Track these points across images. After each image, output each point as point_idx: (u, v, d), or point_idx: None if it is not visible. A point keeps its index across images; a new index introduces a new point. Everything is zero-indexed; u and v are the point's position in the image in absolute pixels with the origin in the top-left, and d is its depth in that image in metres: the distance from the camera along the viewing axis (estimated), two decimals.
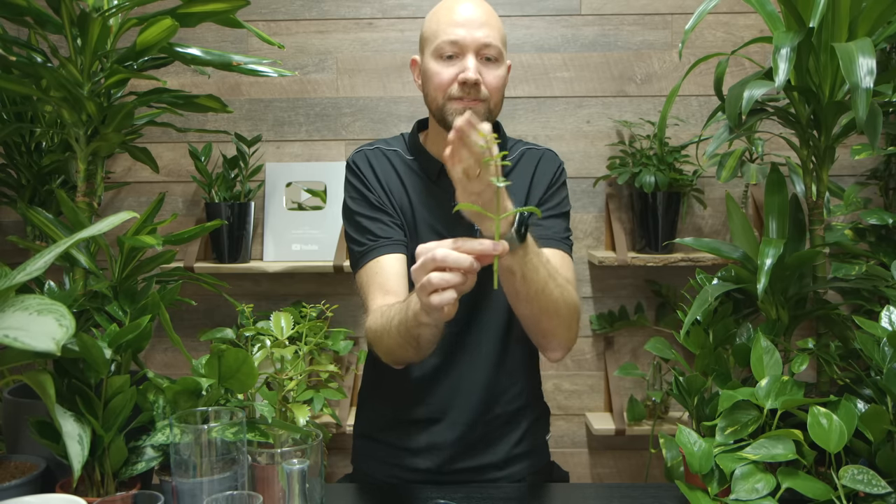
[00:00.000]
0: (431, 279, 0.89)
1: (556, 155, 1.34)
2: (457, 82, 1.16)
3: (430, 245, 0.91)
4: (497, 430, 1.29)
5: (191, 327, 2.12)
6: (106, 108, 1.15)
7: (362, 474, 1.35)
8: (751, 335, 1.17)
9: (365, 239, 1.23)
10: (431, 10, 1.23)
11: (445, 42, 1.17)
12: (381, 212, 1.25)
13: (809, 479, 0.97)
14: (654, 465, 2.04)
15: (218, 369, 1.00)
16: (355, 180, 1.28)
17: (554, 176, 1.30)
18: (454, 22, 1.17)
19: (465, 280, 0.89)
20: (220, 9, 1.13)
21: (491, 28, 1.18)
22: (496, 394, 1.28)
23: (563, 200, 1.31)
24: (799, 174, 1.28)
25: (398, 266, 1.20)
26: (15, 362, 0.88)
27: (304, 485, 0.90)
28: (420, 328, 1.01)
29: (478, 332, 1.26)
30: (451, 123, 1.16)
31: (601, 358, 2.13)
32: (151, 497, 0.85)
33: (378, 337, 1.13)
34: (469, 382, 1.26)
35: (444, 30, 1.17)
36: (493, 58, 1.18)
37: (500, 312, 1.27)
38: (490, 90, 1.18)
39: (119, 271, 1.11)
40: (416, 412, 1.27)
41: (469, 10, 1.18)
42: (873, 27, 1.09)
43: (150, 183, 2.13)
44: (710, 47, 2.06)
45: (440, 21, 1.19)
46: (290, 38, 2.10)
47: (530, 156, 1.32)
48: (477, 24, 1.17)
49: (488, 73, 1.18)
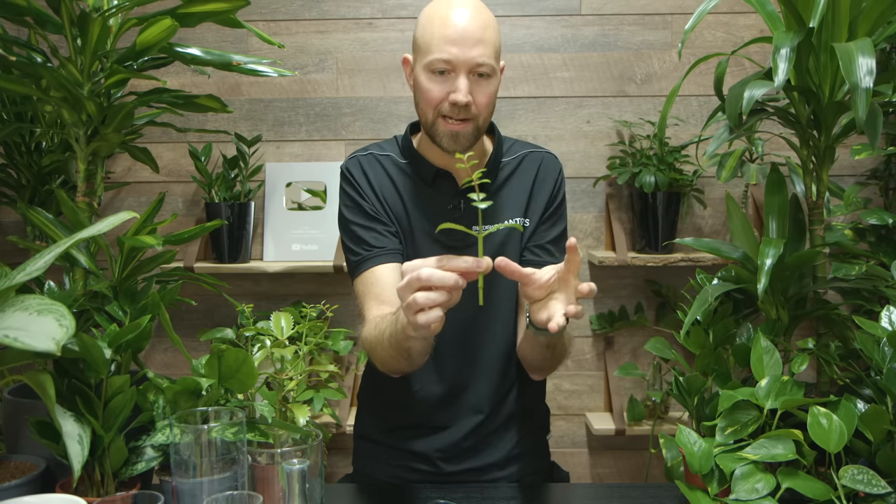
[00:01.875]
0: (417, 299, 0.89)
1: (556, 159, 1.34)
2: (447, 101, 1.16)
3: (416, 263, 0.91)
4: (498, 431, 1.29)
5: (191, 327, 2.12)
6: (106, 108, 1.15)
7: (363, 475, 1.35)
8: (751, 335, 1.17)
9: (360, 249, 1.24)
10: (426, 12, 1.19)
11: (438, 59, 1.14)
12: (375, 221, 1.25)
13: (809, 479, 0.97)
14: (654, 465, 2.04)
15: (218, 369, 1.00)
16: (349, 188, 1.28)
17: (555, 188, 1.30)
18: (448, 38, 1.14)
19: (450, 297, 0.90)
20: (220, 9, 1.13)
21: (485, 45, 1.15)
22: (499, 398, 1.28)
23: (562, 215, 1.32)
24: (799, 174, 1.29)
25: (393, 275, 1.20)
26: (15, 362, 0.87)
27: (304, 485, 0.90)
28: (409, 341, 1.03)
29: (480, 341, 1.26)
30: (440, 143, 1.20)
31: (601, 358, 2.13)
32: (151, 497, 0.85)
33: (372, 348, 1.15)
34: (472, 390, 1.26)
35: (437, 45, 1.14)
36: (485, 74, 1.16)
37: (502, 321, 1.27)
38: (479, 108, 1.17)
39: (119, 271, 1.11)
40: (417, 418, 1.27)
41: (464, 22, 1.14)
42: (873, 27, 1.09)
43: (150, 183, 2.13)
44: (710, 47, 2.06)
45: (434, 34, 1.15)
46: (290, 38, 2.10)
47: (531, 160, 1.32)
48: (471, 41, 1.13)
49: (479, 91, 1.17)
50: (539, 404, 1.38)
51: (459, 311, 1.22)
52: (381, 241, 1.24)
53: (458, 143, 1.18)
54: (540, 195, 1.29)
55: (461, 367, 1.26)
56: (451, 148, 1.19)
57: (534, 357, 1.18)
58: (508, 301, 1.27)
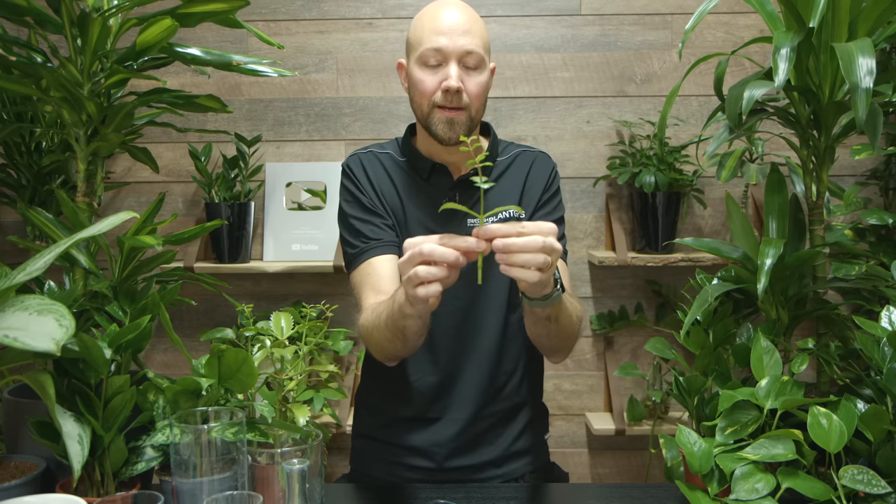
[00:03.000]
0: (418, 272, 0.92)
1: (549, 157, 1.38)
2: (440, 90, 1.20)
3: (418, 239, 0.94)
4: (494, 426, 1.30)
5: (191, 327, 2.12)
6: (106, 108, 1.15)
7: (361, 474, 1.35)
8: (751, 335, 1.17)
9: (358, 241, 1.27)
10: (416, 16, 1.26)
11: (429, 50, 1.20)
12: (373, 214, 1.28)
13: (809, 479, 0.97)
14: (654, 465, 2.04)
15: (218, 369, 1.00)
16: (349, 183, 1.32)
17: (548, 181, 1.34)
18: (437, 30, 1.19)
19: (449, 274, 0.93)
20: (220, 9, 1.13)
21: (473, 36, 1.20)
22: (493, 390, 1.29)
23: (558, 205, 1.35)
24: (799, 174, 1.28)
25: (389, 267, 1.23)
26: (15, 362, 0.88)
27: (304, 485, 0.90)
28: (406, 320, 1.05)
29: (474, 330, 1.28)
30: (436, 132, 1.23)
31: (601, 358, 2.13)
32: (151, 497, 0.85)
33: (369, 333, 1.17)
34: (466, 379, 1.28)
35: (427, 38, 1.20)
36: (474, 65, 1.21)
37: (495, 310, 1.28)
38: (471, 97, 1.21)
39: (119, 271, 1.11)
40: (413, 410, 1.29)
41: (452, 17, 1.20)
42: (873, 27, 1.09)
43: (150, 183, 2.13)
44: (710, 47, 2.06)
45: (424, 28, 1.21)
46: (290, 38, 2.10)
47: (524, 158, 1.35)
48: (459, 31, 1.19)
49: (470, 80, 1.21)
50: (537, 401, 1.38)
51: (455, 299, 1.24)
52: (379, 233, 1.26)
53: (454, 130, 1.22)
54: (533, 189, 1.32)
55: (456, 356, 1.27)
56: (446, 135, 1.22)
57: (539, 333, 1.17)
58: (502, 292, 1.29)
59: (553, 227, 0.94)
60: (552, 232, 0.93)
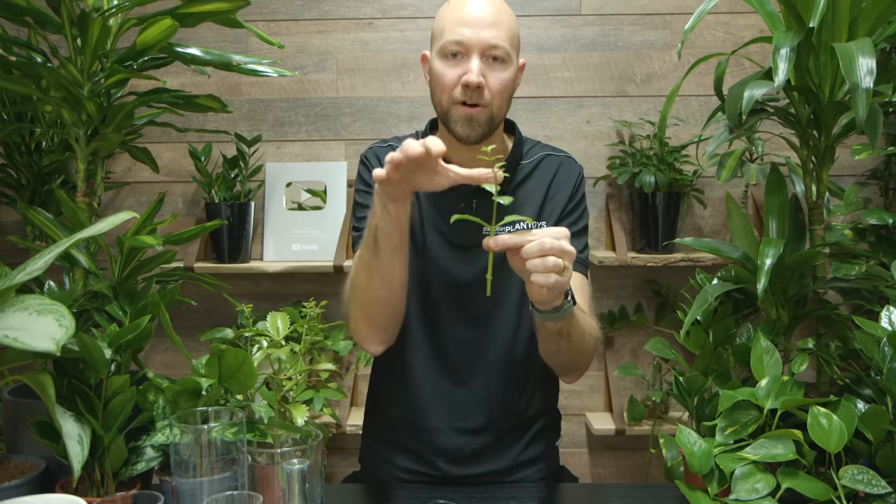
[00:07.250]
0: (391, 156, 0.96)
1: (575, 161, 1.32)
2: (460, 84, 1.13)
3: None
4: (506, 436, 1.27)
5: (191, 327, 2.12)
6: (106, 108, 1.15)
7: (368, 475, 1.34)
8: (751, 335, 1.17)
9: (361, 225, 1.25)
10: (443, 6, 1.20)
11: (450, 41, 1.13)
12: None
13: (809, 479, 0.97)
14: (654, 465, 2.04)
15: (218, 369, 1.00)
16: (364, 173, 1.30)
17: (574, 187, 1.28)
18: (461, 21, 1.13)
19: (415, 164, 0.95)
20: (220, 9, 1.13)
21: (499, 28, 1.13)
22: (506, 402, 1.27)
23: (583, 213, 1.30)
24: (799, 174, 1.28)
25: None
26: (15, 362, 0.87)
27: (304, 485, 0.90)
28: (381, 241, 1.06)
29: (485, 341, 1.25)
30: (455, 130, 1.17)
31: (601, 358, 2.12)
32: (151, 497, 0.85)
33: (352, 286, 1.16)
34: (479, 390, 1.25)
35: (450, 28, 1.14)
36: (499, 58, 1.14)
37: (508, 323, 1.25)
38: (493, 93, 1.14)
39: (119, 271, 1.11)
40: (424, 418, 1.26)
41: (478, 7, 1.14)
42: (873, 27, 1.09)
43: (150, 183, 2.13)
44: (710, 47, 2.06)
45: (447, 18, 1.16)
46: (290, 38, 2.10)
47: (548, 163, 1.29)
48: (484, 23, 1.13)
49: (493, 75, 1.14)
50: (551, 409, 1.36)
51: (466, 310, 1.22)
52: None
53: (473, 128, 1.15)
54: (557, 198, 1.27)
55: (467, 367, 1.25)
56: (465, 133, 1.16)
57: (550, 350, 1.13)
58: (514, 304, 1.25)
59: (565, 231, 0.93)
60: (564, 235, 0.92)
